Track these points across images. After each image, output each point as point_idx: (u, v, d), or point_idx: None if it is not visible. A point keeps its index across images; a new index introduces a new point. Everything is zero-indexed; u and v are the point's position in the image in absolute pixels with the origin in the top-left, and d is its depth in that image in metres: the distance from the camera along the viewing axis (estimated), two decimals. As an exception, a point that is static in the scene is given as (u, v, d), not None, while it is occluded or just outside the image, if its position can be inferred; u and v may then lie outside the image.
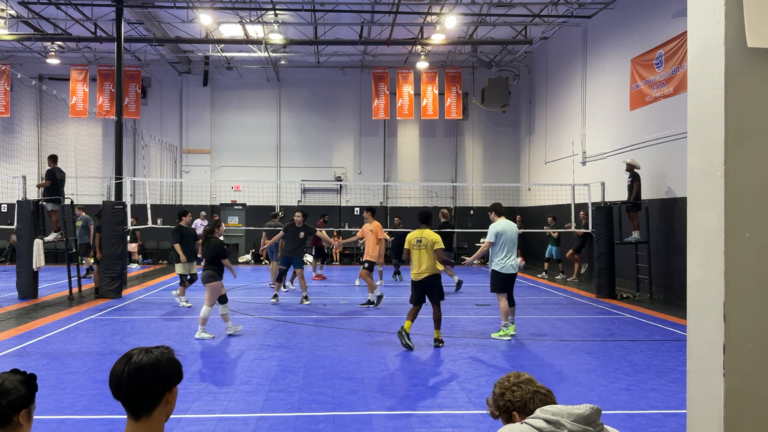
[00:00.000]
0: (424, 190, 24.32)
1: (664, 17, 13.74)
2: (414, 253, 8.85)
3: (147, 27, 19.82)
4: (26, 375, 2.23)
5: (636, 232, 14.02)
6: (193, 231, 12.84)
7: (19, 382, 2.18)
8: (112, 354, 8.19)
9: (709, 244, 2.02)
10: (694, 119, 2.12)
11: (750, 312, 1.95)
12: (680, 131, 12.89)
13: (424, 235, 8.84)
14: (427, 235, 8.83)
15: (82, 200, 20.65)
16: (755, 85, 1.96)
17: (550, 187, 19.94)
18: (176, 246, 12.19)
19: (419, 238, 8.86)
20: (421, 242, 8.82)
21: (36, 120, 23.67)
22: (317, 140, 24.48)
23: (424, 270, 8.77)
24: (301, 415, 5.78)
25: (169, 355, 2.10)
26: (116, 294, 13.54)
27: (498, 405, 2.36)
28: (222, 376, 7.18)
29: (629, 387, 6.81)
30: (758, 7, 1.93)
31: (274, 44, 19.99)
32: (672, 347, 8.85)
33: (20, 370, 2.22)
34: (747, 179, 1.96)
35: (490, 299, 13.70)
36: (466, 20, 19.02)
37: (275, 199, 24.09)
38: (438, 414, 5.87)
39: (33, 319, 10.81)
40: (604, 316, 11.65)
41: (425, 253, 8.76)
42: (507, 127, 24.75)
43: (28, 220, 13.15)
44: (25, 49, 22.16)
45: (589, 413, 2.06)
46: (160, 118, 24.14)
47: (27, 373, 2.24)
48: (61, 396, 6.33)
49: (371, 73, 23.51)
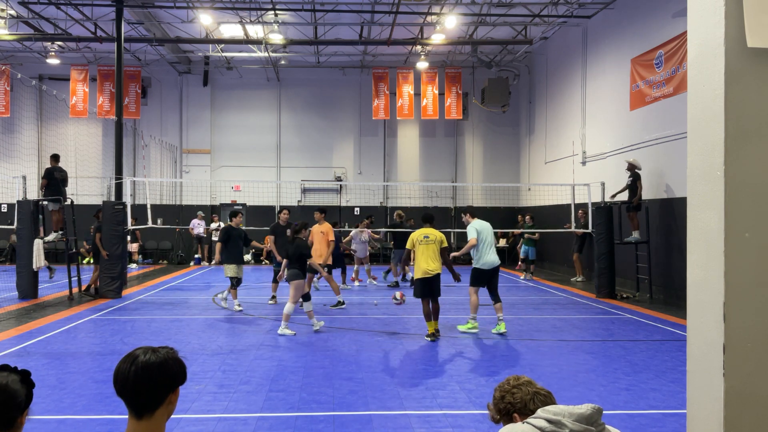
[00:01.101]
0: (424, 190, 24.32)
1: (664, 17, 13.75)
2: (421, 249, 9.19)
3: (147, 27, 19.82)
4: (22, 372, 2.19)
5: (636, 232, 14.02)
6: (242, 233, 12.18)
7: (19, 381, 2.16)
8: (112, 354, 8.19)
9: (709, 244, 2.02)
10: (694, 119, 2.12)
11: (750, 312, 1.95)
12: (680, 131, 12.89)
13: (431, 232, 9.29)
14: (434, 232, 9.30)
15: (82, 200, 20.64)
16: (755, 85, 1.96)
17: (550, 187, 19.94)
18: (218, 245, 11.98)
19: (426, 234, 9.28)
20: (428, 237, 9.23)
21: (36, 120, 23.67)
22: (317, 140, 24.48)
23: (435, 268, 9.16)
24: (301, 415, 5.78)
25: (174, 355, 2.11)
26: (116, 294, 13.54)
27: (498, 408, 2.37)
28: (222, 376, 7.18)
29: (629, 387, 6.81)
30: (758, 7, 1.93)
31: (274, 44, 20.00)
32: (672, 347, 8.85)
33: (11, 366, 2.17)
34: (747, 179, 1.96)
35: (489, 299, 13.69)
36: (466, 20, 19.02)
37: (275, 199, 24.09)
38: (438, 414, 5.87)
39: (33, 319, 10.81)
40: (604, 316, 11.65)
41: (434, 248, 9.19)
42: (507, 127, 24.75)
43: (28, 220, 13.15)
44: (25, 49, 22.16)
45: (591, 413, 2.06)
46: (160, 118, 24.13)
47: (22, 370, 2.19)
48: (61, 396, 6.33)
49: (371, 73, 23.52)
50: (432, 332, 9.29)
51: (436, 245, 9.22)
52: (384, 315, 11.55)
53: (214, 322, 10.75)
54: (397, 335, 9.65)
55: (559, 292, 15.18)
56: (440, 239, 9.29)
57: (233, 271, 11.83)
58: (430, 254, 9.19)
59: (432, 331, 9.29)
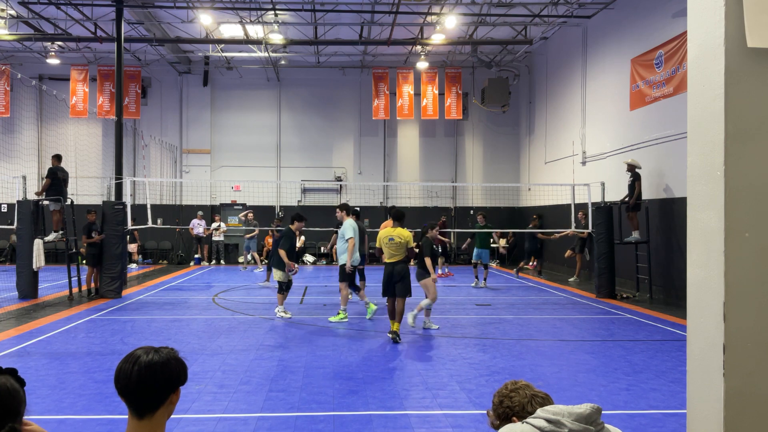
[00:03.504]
0: (424, 190, 24.31)
1: (664, 17, 13.75)
2: (386, 251, 9.21)
3: (147, 27, 19.81)
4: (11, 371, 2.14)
5: (636, 232, 14.02)
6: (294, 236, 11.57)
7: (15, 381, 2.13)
8: (112, 354, 8.20)
9: (709, 244, 2.02)
10: (694, 119, 2.12)
11: (750, 312, 1.95)
12: (680, 131, 12.89)
13: (397, 234, 9.00)
14: (401, 233, 9.00)
15: (82, 200, 20.64)
16: (755, 85, 1.96)
17: (549, 187, 19.94)
18: (283, 252, 11.08)
19: (391, 237, 9.02)
20: (393, 240, 9.02)
21: (36, 120, 23.66)
22: (317, 140, 24.48)
23: (396, 258, 9.12)
24: (301, 415, 5.78)
25: (176, 355, 2.11)
26: (116, 294, 13.54)
27: (498, 413, 2.37)
28: (222, 376, 7.18)
29: (629, 387, 6.82)
30: (758, 7, 1.93)
31: (274, 44, 19.99)
32: (672, 347, 8.85)
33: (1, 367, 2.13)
34: (747, 179, 1.96)
35: (490, 299, 13.72)
36: (466, 20, 19.02)
37: (275, 199, 24.10)
38: (438, 414, 5.87)
39: (33, 319, 10.81)
40: (604, 316, 11.65)
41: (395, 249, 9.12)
42: (507, 127, 24.75)
43: (28, 220, 13.15)
44: (25, 49, 22.16)
45: (590, 412, 2.07)
46: (160, 118, 24.13)
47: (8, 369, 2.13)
48: (61, 396, 6.33)
49: (371, 73, 23.52)
50: (393, 331, 9.06)
51: (401, 246, 8.98)
52: (384, 315, 11.53)
53: (214, 322, 10.75)
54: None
55: (559, 292, 15.18)
56: (405, 242, 8.92)
57: (283, 276, 11.34)
58: (392, 252, 9.10)
59: (393, 329, 9.06)
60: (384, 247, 9.11)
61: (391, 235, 8.95)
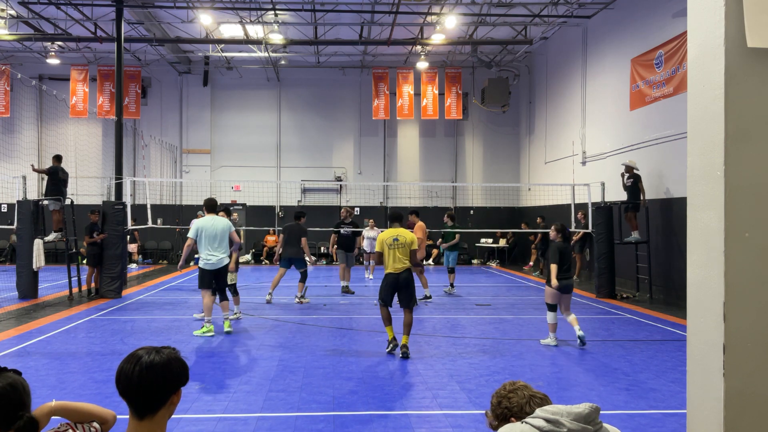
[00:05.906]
0: (424, 190, 24.32)
1: (664, 17, 13.75)
2: (390, 253, 8.30)
3: (147, 27, 19.81)
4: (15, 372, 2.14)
5: (635, 232, 14.02)
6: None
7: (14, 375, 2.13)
8: (112, 354, 8.19)
9: (709, 244, 2.02)
10: (694, 119, 2.12)
11: (750, 312, 1.95)
12: (680, 131, 12.89)
13: (401, 234, 8.37)
14: (404, 233, 8.39)
15: (82, 200, 20.64)
16: (755, 85, 1.96)
17: (549, 187, 19.94)
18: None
19: (395, 237, 8.33)
20: (398, 240, 8.29)
21: (36, 120, 23.67)
22: (317, 140, 24.48)
23: (403, 267, 8.28)
24: (301, 415, 5.78)
25: (177, 355, 2.11)
26: (116, 294, 13.54)
27: (496, 414, 2.38)
28: (222, 376, 7.18)
29: (629, 387, 6.81)
30: (758, 7, 1.93)
31: (274, 44, 20.00)
32: (672, 347, 8.85)
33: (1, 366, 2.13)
34: (747, 179, 1.96)
35: (490, 299, 13.71)
36: (466, 20, 19.02)
37: (275, 199, 24.10)
38: (438, 414, 5.87)
39: (33, 319, 10.80)
40: (604, 316, 11.65)
41: (404, 251, 8.30)
42: (507, 127, 24.75)
43: (28, 220, 13.15)
44: (25, 49, 22.16)
45: (589, 412, 2.07)
46: (160, 118, 24.14)
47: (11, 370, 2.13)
48: (61, 396, 6.32)
49: (371, 73, 23.52)
50: (391, 338, 8.44)
51: (406, 248, 8.31)
52: (377, 320, 11.52)
53: (213, 321, 10.73)
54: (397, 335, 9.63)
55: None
56: (410, 241, 8.33)
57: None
58: (399, 256, 8.28)
59: (391, 337, 8.45)
60: (387, 250, 8.30)
61: (396, 234, 8.34)
